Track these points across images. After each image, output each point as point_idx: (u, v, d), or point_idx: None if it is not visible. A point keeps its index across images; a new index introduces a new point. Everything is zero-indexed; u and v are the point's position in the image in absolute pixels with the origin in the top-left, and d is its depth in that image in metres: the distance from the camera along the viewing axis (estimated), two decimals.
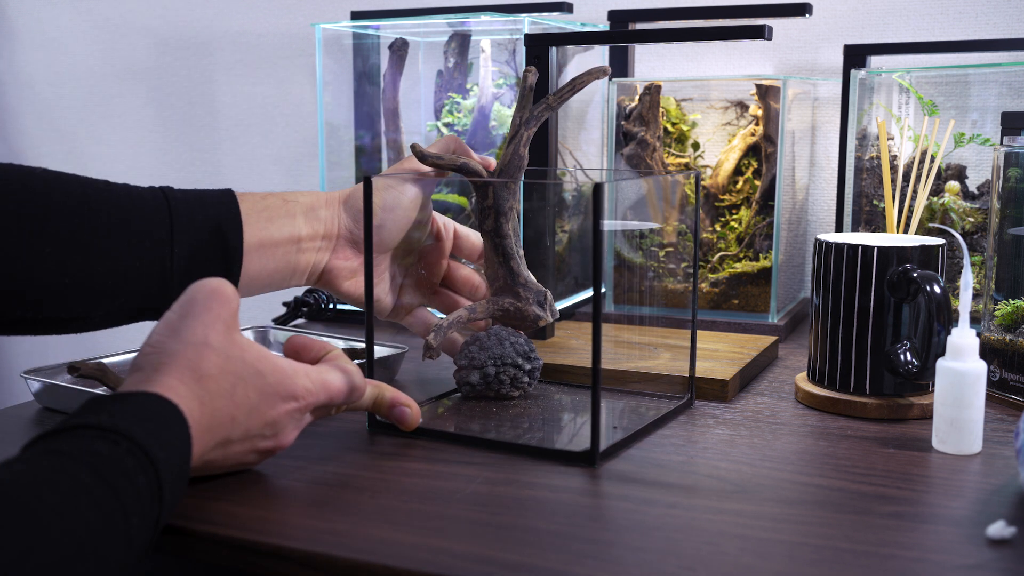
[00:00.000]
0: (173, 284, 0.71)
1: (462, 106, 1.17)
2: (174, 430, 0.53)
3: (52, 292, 0.67)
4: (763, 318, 1.05)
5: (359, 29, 1.19)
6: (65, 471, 0.46)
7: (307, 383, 0.61)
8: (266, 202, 0.75)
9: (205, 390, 0.56)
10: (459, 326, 0.77)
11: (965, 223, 0.99)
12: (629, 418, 0.76)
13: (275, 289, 0.77)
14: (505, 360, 0.76)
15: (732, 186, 1.07)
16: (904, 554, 0.52)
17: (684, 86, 1.10)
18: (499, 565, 0.51)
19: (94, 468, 0.46)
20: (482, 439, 0.69)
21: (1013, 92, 1.01)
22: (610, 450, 0.67)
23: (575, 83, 0.75)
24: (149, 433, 0.50)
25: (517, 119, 0.75)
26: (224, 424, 0.57)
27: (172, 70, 1.58)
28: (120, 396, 0.53)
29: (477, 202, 0.77)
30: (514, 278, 0.77)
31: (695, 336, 0.80)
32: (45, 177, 0.69)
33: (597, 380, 0.65)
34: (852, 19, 1.17)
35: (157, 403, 0.53)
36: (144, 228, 0.70)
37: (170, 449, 0.51)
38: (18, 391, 1.79)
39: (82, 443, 0.48)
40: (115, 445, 0.48)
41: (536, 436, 0.71)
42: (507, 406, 0.77)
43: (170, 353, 0.56)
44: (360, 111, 1.20)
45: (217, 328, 0.58)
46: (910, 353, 0.75)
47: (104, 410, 0.51)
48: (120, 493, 0.47)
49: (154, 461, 0.49)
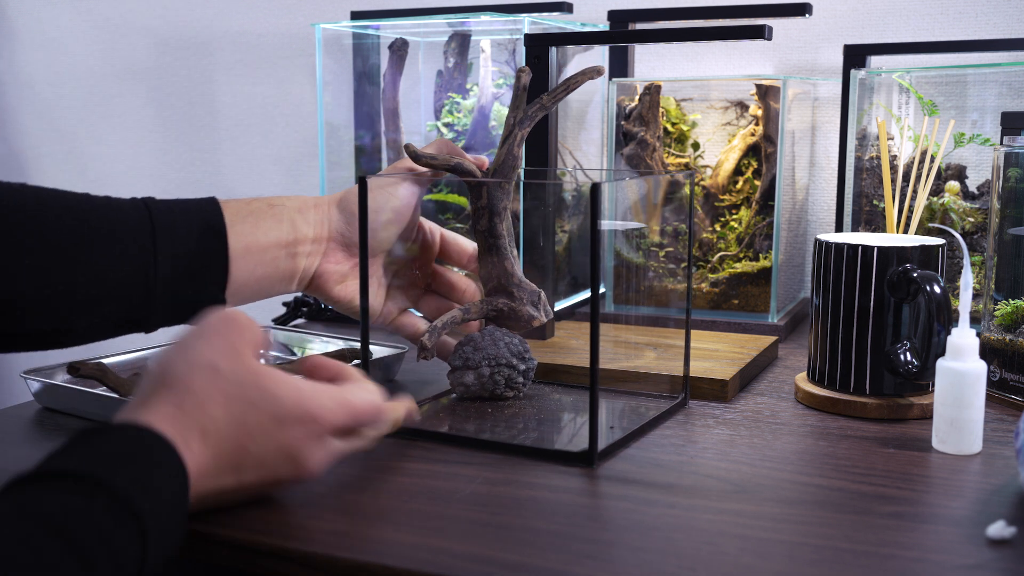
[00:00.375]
0: (157, 293, 0.70)
1: (462, 106, 1.17)
2: (164, 470, 0.50)
3: (34, 304, 0.66)
4: (763, 318, 1.05)
5: (359, 29, 1.19)
6: (29, 543, 0.42)
7: (326, 402, 0.57)
8: (251, 207, 0.74)
9: (209, 418, 0.53)
10: (453, 326, 0.77)
11: (965, 223, 0.99)
12: (628, 418, 0.76)
13: (266, 296, 0.76)
14: (500, 360, 0.76)
15: (732, 186, 1.07)
16: (904, 554, 0.52)
17: (684, 86, 1.10)
18: (499, 565, 0.51)
19: (62, 534, 0.43)
20: (480, 440, 0.69)
21: (1013, 92, 1.01)
22: (608, 450, 0.67)
23: (569, 83, 0.75)
24: (133, 481, 0.47)
25: (511, 119, 0.75)
26: (233, 453, 0.54)
27: (172, 70, 1.58)
28: (108, 432, 0.50)
29: (471, 202, 0.77)
30: (508, 278, 0.77)
31: (689, 335, 0.80)
32: (23, 191, 0.68)
33: (595, 380, 0.65)
34: (852, 19, 1.17)
35: (147, 439, 0.51)
36: (126, 238, 0.69)
37: (156, 495, 0.48)
38: (18, 391, 1.78)
39: (56, 501, 0.45)
40: (91, 500, 0.45)
41: (531, 436, 0.71)
42: (502, 407, 0.77)
43: (173, 377, 0.54)
44: (360, 111, 1.20)
45: (227, 353, 0.55)
46: (910, 353, 0.75)
47: (89, 450, 0.49)
48: (92, 561, 0.43)
49: (137, 513, 0.46)
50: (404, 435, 0.71)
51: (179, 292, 0.71)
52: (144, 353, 0.87)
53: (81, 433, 0.50)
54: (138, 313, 0.70)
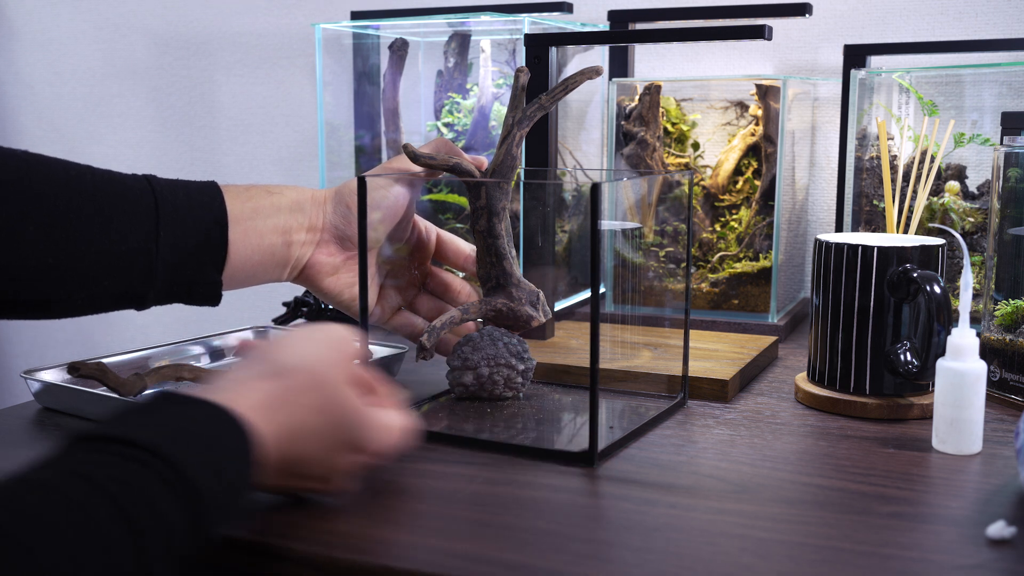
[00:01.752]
0: (157, 273, 0.71)
1: (462, 106, 1.17)
2: (232, 454, 0.50)
3: (35, 274, 0.67)
4: (763, 318, 1.05)
5: (359, 29, 1.19)
6: (82, 506, 0.42)
7: (373, 435, 0.57)
8: (250, 193, 0.75)
9: (297, 420, 0.54)
10: (452, 327, 0.77)
11: (965, 223, 0.99)
12: (627, 418, 0.76)
13: (259, 282, 0.76)
14: (499, 360, 0.76)
15: (732, 186, 1.07)
16: (904, 554, 0.52)
17: (684, 86, 1.10)
18: (499, 565, 0.51)
19: (114, 500, 0.43)
20: (479, 440, 0.69)
21: (1013, 92, 1.01)
22: (608, 450, 0.67)
23: (568, 83, 0.74)
24: (200, 460, 0.47)
25: (510, 119, 0.75)
26: (297, 462, 0.55)
27: (172, 70, 1.58)
28: (184, 405, 0.51)
29: (470, 202, 0.76)
30: (507, 278, 0.77)
31: (687, 335, 0.80)
32: (27, 159, 0.69)
33: (595, 380, 0.65)
34: (852, 19, 1.17)
35: (225, 421, 0.50)
36: (130, 214, 0.70)
37: (217, 467, 0.48)
38: (18, 391, 1.79)
39: (111, 467, 0.45)
40: (145, 467, 0.45)
41: (531, 436, 0.71)
42: (501, 407, 0.77)
43: (278, 367, 0.55)
44: (360, 111, 1.20)
45: (336, 366, 0.56)
46: (910, 353, 0.75)
47: (152, 419, 0.49)
48: (141, 531, 0.43)
49: (190, 483, 0.46)
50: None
51: (178, 273, 0.72)
52: (144, 353, 0.87)
53: (158, 399, 0.50)
54: (137, 290, 0.71)
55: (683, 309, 0.89)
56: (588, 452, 0.65)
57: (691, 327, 0.83)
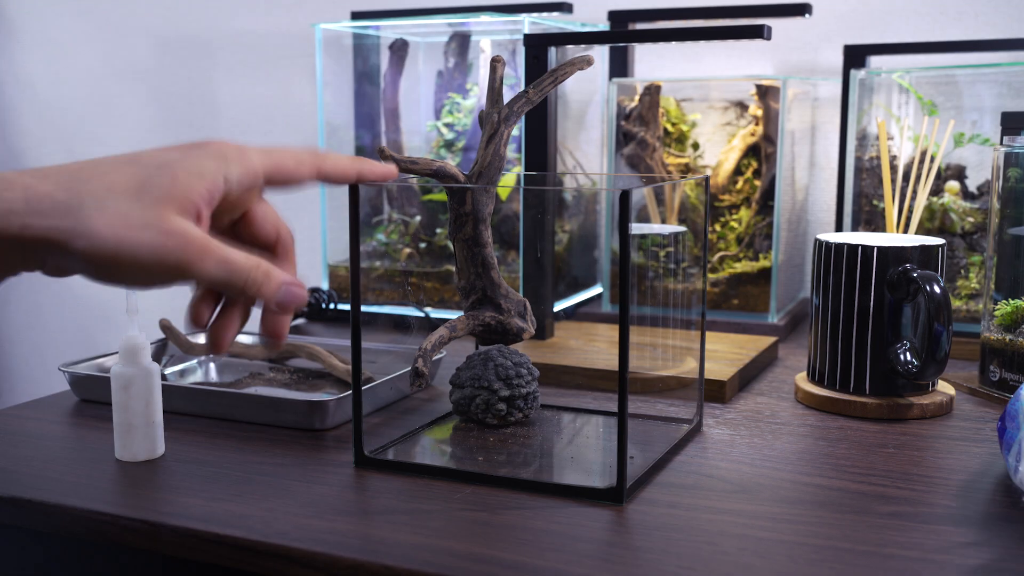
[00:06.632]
0: None
1: (462, 106, 1.17)
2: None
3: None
4: (763, 318, 1.05)
5: (359, 29, 1.19)
6: None
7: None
8: None
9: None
10: (442, 347, 0.70)
11: (965, 223, 0.99)
12: (640, 444, 0.70)
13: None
14: (480, 383, 0.71)
15: (732, 186, 1.07)
16: (904, 554, 0.52)
17: (684, 86, 1.10)
18: (499, 565, 0.51)
19: None
20: (492, 476, 0.63)
21: (1013, 92, 1.01)
22: (634, 486, 0.62)
23: (556, 73, 0.68)
24: None
25: (494, 116, 0.68)
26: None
27: (172, 70, 1.58)
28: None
29: (450, 209, 0.70)
30: (495, 289, 0.71)
31: (703, 354, 0.76)
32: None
33: (624, 417, 0.59)
34: (852, 19, 1.17)
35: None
36: None
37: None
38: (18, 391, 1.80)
39: None
40: None
41: (532, 470, 0.66)
42: (506, 433, 0.71)
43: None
44: (360, 111, 1.21)
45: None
46: (910, 353, 0.75)
47: None
48: None
49: None
50: (409, 472, 0.65)
51: None
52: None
53: None
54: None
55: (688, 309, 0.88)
56: (617, 489, 0.59)
57: (691, 327, 0.83)
